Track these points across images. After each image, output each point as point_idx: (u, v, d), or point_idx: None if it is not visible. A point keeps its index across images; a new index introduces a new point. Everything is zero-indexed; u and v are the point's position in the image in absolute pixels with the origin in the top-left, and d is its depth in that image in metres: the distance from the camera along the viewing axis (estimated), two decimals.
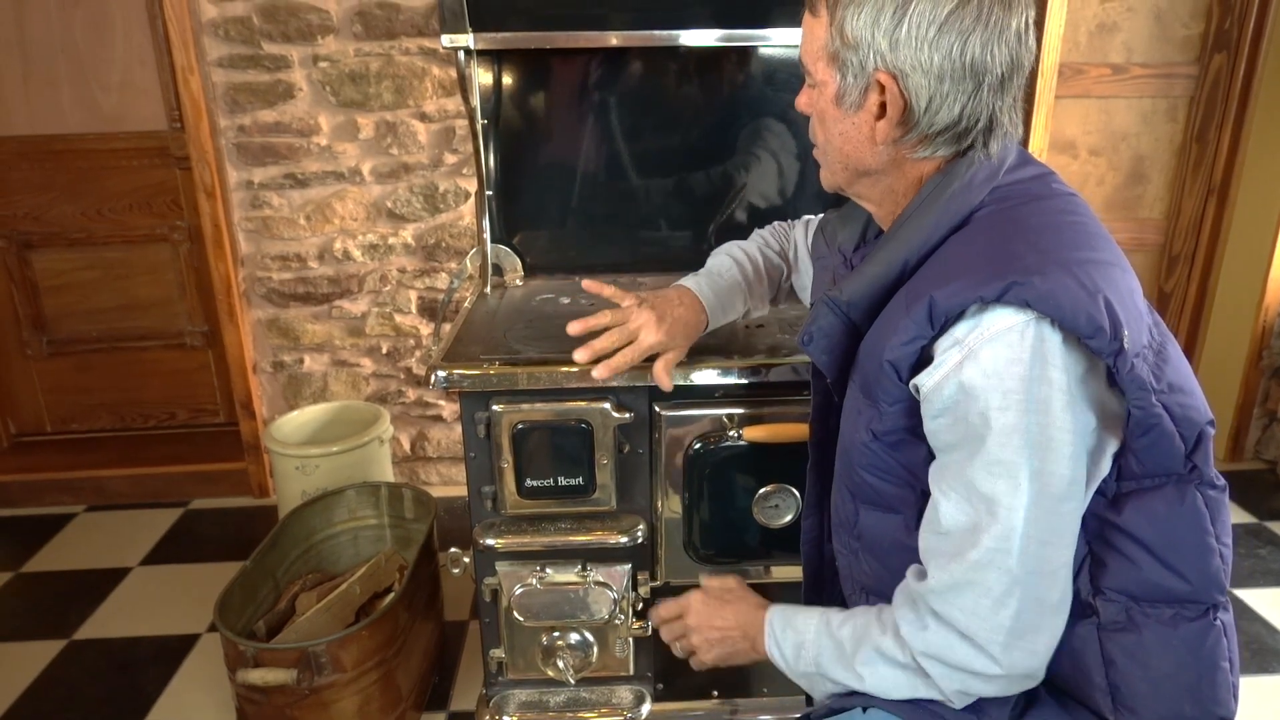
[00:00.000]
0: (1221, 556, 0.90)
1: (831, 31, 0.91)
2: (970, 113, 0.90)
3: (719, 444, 1.39)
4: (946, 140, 0.92)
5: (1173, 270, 2.80)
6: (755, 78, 1.77)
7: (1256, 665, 1.98)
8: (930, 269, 0.91)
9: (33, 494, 2.72)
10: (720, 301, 1.31)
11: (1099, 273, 0.84)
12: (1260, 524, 2.53)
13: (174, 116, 2.54)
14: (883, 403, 0.92)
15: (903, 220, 0.95)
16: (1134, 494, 0.89)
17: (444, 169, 2.46)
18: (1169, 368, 0.88)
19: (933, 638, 0.89)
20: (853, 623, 0.98)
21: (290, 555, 1.92)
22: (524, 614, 1.46)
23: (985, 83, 0.89)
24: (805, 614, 1.03)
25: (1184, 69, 2.59)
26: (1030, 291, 0.81)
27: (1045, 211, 0.92)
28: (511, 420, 1.37)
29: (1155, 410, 0.84)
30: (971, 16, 0.87)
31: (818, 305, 1.00)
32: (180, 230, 2.69)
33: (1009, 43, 0.89)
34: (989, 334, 0.83)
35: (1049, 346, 0.83)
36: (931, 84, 0.88)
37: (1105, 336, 0.80)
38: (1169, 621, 0.90)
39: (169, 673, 2.00)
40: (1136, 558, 0.89)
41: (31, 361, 2.80)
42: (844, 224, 1.14)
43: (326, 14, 2.32)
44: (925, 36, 0.87)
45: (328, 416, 2.44)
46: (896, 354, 0.89)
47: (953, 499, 0.87)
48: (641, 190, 1.83)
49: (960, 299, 0.84)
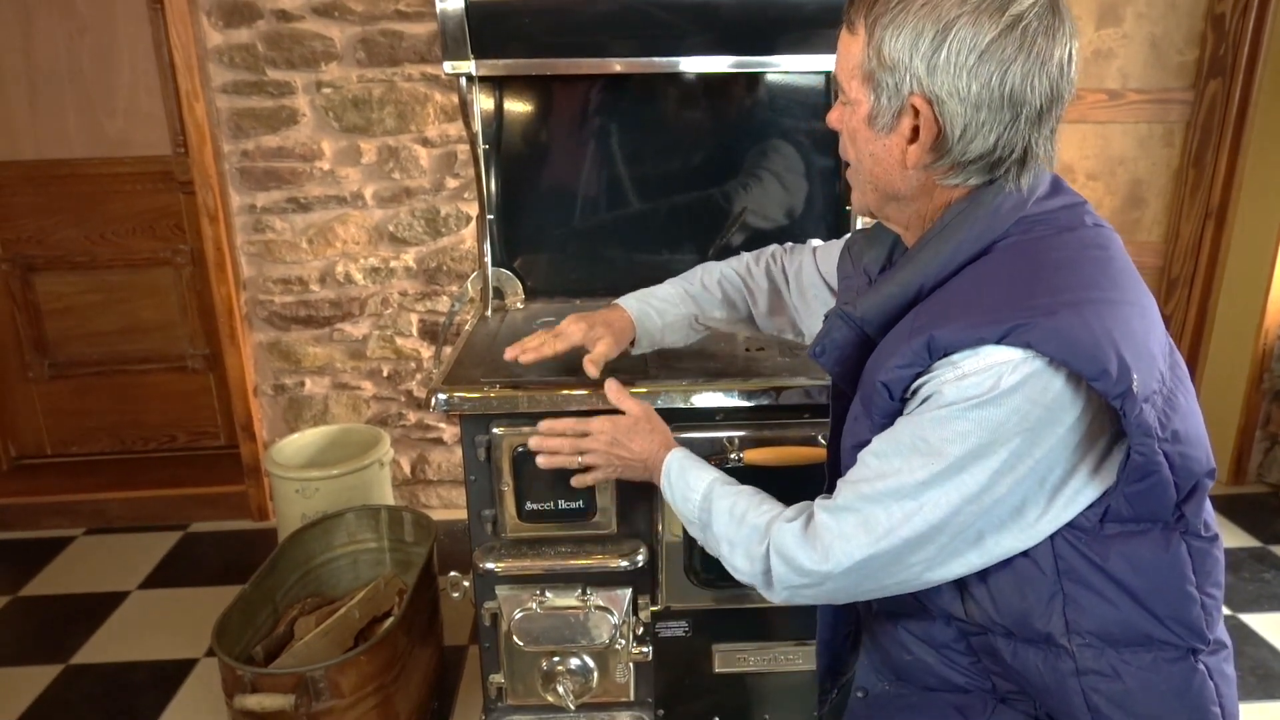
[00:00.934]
0: (1204, 606, 0.89)
1: (869, 51, 0.89)
2: (1005, 143, 0.88)
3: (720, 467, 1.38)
4: (978, 169, 0.90)
5: (1172, 293, 2.81)
6: (755, 103, 1.79)
7: (1263, 691, 1.96)
8: (941, 298, 0.91)
9: (32, 517, 2.71)
10: (649, 308, 1.36)
11: (1112, 313, 0.82)
12: (1264, 548, 2.51)
13: (178, 142, 2.57)
14: (874, 417, 0.93)
15: (924, 243, 0.94)
16: (1119, 536, 0.88)
17: (445, 193, 2.48)
18: (1177, 416, 0.86)
19: (784, 533, 0.96)
20: (737, 494, 1.05)
21: (289, 579, 1.91)
22: (524, 638, 1.45)
23: (1023, 114, 0.87)
24: (699, 470, 1.12)
25: (1180, 94, 2.61)
26: (1033, 333, 0.80)
27: (1069, 245, 0.89)
28: (512, 443, 1.37)
29: (1156, 458, 0.83)
30: (1014, 45, 0.84)
31: (830, 318, 1.00)
32: (183, 254, 2.70)
33: (1050, 74, 0.86)
34: (984, 363, 0.83)
35: (1044, 386, 0.82)
36: (967, 112, 0.86)
37: (1110, 379, 0.79)
38: (1150, 666, 0.90)
39: (166, 698, 1.98)
40: (1115, 599, 0.89)
41: (33, 384, 2.80)
42: (870, 245, 1.12)
43: (330, 41, 2.34)
44: (965, 63, 0.84)
45: (328, 439, 2.44)
46: (891, 376, 0.89)
47: (880, 443, 0.91)
48: (641, 214, 1.84)
49: (961, 339, 0.84)
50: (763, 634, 1.51)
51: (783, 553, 0.95)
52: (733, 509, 1.04)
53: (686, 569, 1.46)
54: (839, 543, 0.91)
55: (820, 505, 0.95)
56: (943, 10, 0.84)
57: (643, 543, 1.46)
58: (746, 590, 1.49)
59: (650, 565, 1.47)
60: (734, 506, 1.04)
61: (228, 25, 2.32)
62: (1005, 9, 0.83)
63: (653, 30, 1.57)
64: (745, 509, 1.03)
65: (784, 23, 1.58)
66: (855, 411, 0.99)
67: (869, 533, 0.89)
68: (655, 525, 1.45)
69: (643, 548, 1.45)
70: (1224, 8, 2.52)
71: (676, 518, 1.42)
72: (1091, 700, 0.91)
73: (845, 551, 0.90)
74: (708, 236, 1.85)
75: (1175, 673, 0.90)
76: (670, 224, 1.85)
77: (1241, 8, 2.50)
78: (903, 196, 0.96)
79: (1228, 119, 2.59)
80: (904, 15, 0.85)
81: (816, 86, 1.78)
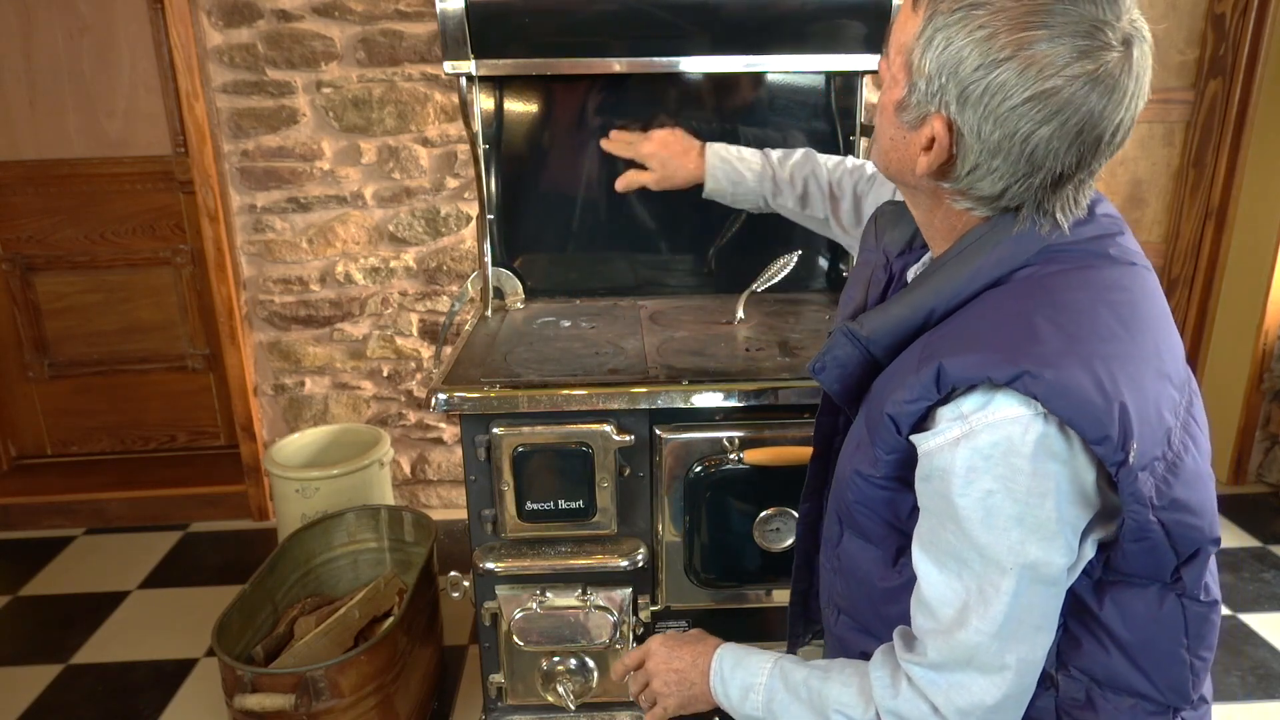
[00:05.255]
0: (1193, 669, 0.87)
1: (919, 41, 0.81)
2: (1014, 195, 0.83)
3: (720, 467, 1.39)
4: (985, 207, 0.86)
5: (1172, 293, 2.81)
6: (755, 102, 1.79)
7: (1263, 691, 1.96)
8: (952, 326, 0.86)
9: (32, 517, 2.71)
10: (727, 169, 1.45)
11: (1123, 371, 0.77)
12: (1264, 548, 2.51)
13: (178, 141, 2.57)
14: (879, 449, 0.89)
15: (939, 265, 0.89)
16: (1115, 585, 0.86)
17: (445, 193, 2.48)
18: (1179, 483, 0.81)
19: (904, 704, 0.87)
20: (808, 671, 0.96)
21: (289, 579, 1.91)
22: (524, 638, 1.45)
23: (1039, 176, 0.81)
24: (758, 656, 1.01)
25: (1180, 94, 2.61)
26: (1040, 386, 0.75)
27: (1090, 285, 0.83)
28: (512, 443, 1.37)
29: (1150, 526, 0.80)
30: (1052, 109, 0.76)
31: (835, 334, 0.95)
32: (183, 254, 2.70)
33: (1084, 144, 0.79)
34: (994, 419, 0.78)
35: (1053, 442, 0.78)
36: (983, 154, 0.81)
37: (1112, 445, 0.75)
38: (1128, 711, 0.88)
39: (166, 697, 1.98)
40: (1108, 647, 0.87)
41: (33, 384, 2.80)
42: (894, 224, 1.07)
43: (330, 41, 2.34)
44: (995, 109, 0.78)
45: (328, 439, 2.44)
46: (899, 410, 0.84)
47: (938, 572, 0.84)
48: (641, 214, 1.84)
49: (969, 374, 0.79)
50: (763, 634, 1.51)
51: None
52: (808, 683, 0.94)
53: (686, 569, 1.47)
54: (961, 696, 0.84)
55: (910, 663, 0.87)
56: (995, 45, 0.76)
57: (643, 543, 1.46)
58: (746, 590, 1.50)
59: (650, 565, 1.47)
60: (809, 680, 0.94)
61: (228, 25, 2.32)
62: (1065, 66, 0.75)
63: (653, 30, 1.57)
64: (823, 685, 0.94)
65: (784, 23, 1.58)
66: (858, 436, 0.95)
67: (985, 673, 0.83)
68: (655, 525, 1.45)
69: (643, 548, 1.45)
70: (1224, 8, 2.52)
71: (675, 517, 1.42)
72: None
73: (970, 701, 0.84)
74: (707, 237, 1.85)
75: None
76: (670, 224, 1.85)
77: (1241, 8, 2.50)
78: (912, 188, 0.92)
79: (1228, 119, 2.59)
80: (958, 27, 0.78)
81: (817, 86, 1.78)
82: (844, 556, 1.01)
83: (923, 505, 0.87)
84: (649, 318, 1.74)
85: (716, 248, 1.85)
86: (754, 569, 1.46)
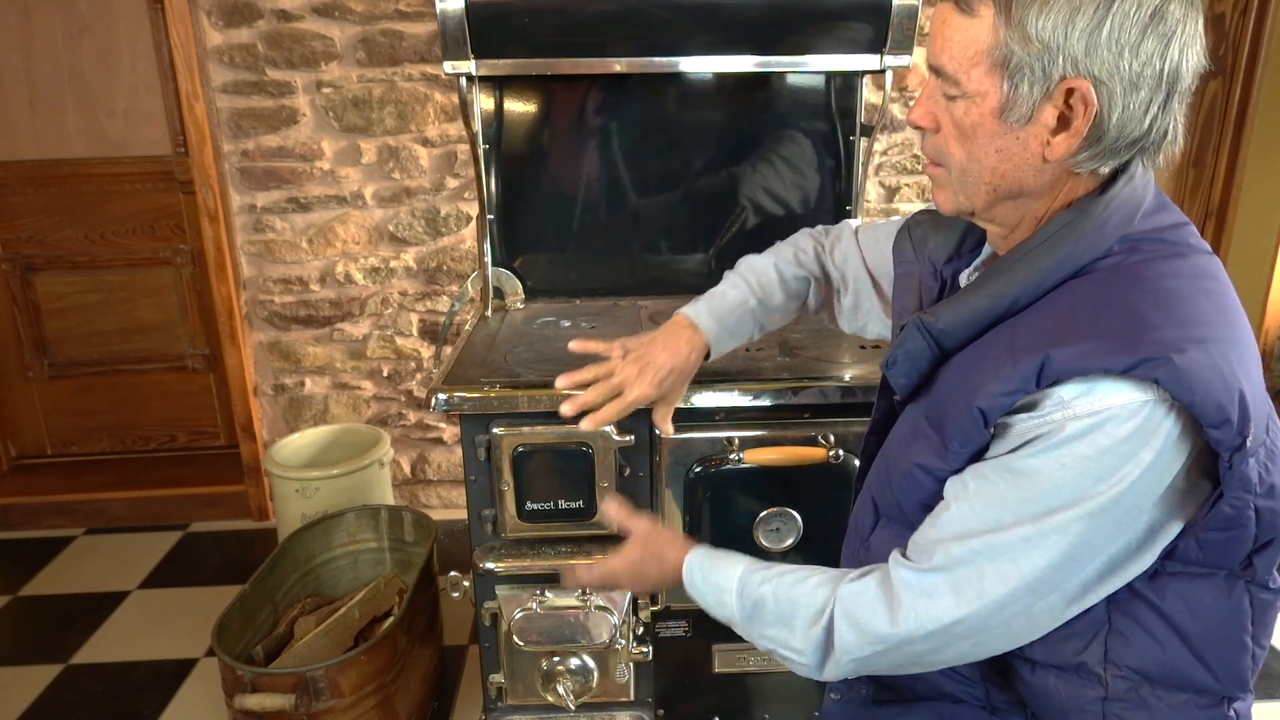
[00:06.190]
0: (1254, 656, 0.86)
1: (1004, 34, 0.79)
2: (1159, 125, 0.81)
3: (720, 467, 1.39)
4: (1123, 154, 0.83)
5: None
6: (755, 103, 1.79)
7: (1263, 691, 1.96)
8: (1044, 316, 0.83)
9: (32, 517, 2.71)
10: (724, 327, 1.24)
11: (1236, 357, 0.77)
12: None
13: (178, 141, 2.56)
14: (954, 442, 0.86)
15: (1021, 254, 0.86)
16: (1180, 576, 0.84)
17: (445, 193, 2.48)
18: (1275, 468, 0.80)
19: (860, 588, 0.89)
20: (775, 583, 0.96)
21: (289, 579, 1.92)
22: (524, 638, 1.45)
23: (1176, 91, 0.80)
24: (724, 567, 1.01)
25: None
26: (1164, 370, 0.74)
27: (1181, 273, 0.82)
28: (512, 443, 1.37)
29: (1247, 512, 0.79)
30: (1175, 17, 0.77)
31: (908, 328, 0.92)
32: (183, 254, 2.70)
33: (1200, 45, 0.80)
34: (1099, 404, 0.77)
35: (1155, 429, 0.77)
36: (1126, 93, 0.78)
37: (1231, 429, 0.74)
38: (1181, 706, 0.87)
39: (166, 697, 1.98)
40: (1165, 640, 0.85)
41: (33, 384, 2.80)
42: (936, 230, 1.04)
43: (330, 41, 2.34)
44: (1128, 40, 0.77)
45: (328, 439, 2.44)
46: (991, 403, 0.81)
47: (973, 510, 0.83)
48: (642, 213, 1.84)
49: (1083, 365, 0.77)
50: None
51: (853, 617, 0.88)
52: (776, 593, 0.95)
53: None
54: (923, 603, 0.84)
55: (901, 563, 0.88)
56: None
57: None
58: None
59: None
60: (777, 590, 0.95)
61: (228, 25, 2.32)
62: None
63: (653, 30, 1.57)
64: (791, 588, 0.94)
65: (784, 22, 1.58)
66: (917, 429, 0.92)
67: (958, 594, 0.83)
68: None
69: None
70: (1224, 8, 2.52)
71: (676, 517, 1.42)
72: None
73: (930, 614, 0.84)
74: (708, 236, 1.85)
75: (1205, 718, 0.87)
76: (670, 224, 1.85)
77: (1241, 8, 2.50)
78: (1028, 193, 0.87)
79: (1228, 118, 2.59)
80: None
81: (818, 86, 1.78)
82: (874, 547, 0.99)
83: (986, 460, 0.85)
84: (649, 318, 1.74)
85: (717, 248, 1.85)
86: None
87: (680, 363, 1.21)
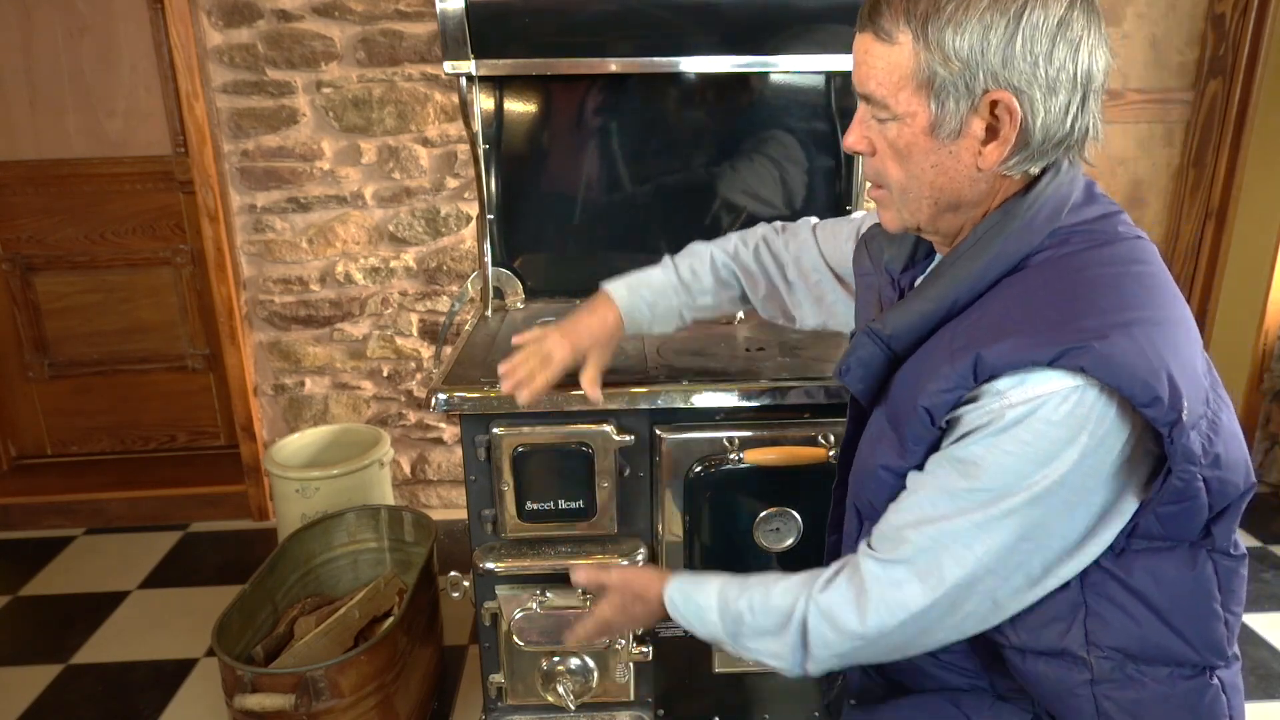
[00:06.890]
0: (1227, 624, 0.89)
1: (924, 57, 0.84)
2: (1081, 124, 0.86)
3: (720, 467, 1.39)
4: (1053, 153, 0.88)
5: None
6: (755, 103, 1.79)
7: (1263, 691, 1.96)
8: (980, 314, 0.88)
9: (32, 517, 2.71)
10: (641, 301, 1.29)
11: (1162, 336, 0.80)
12: (1264, 548, 2.51)
13: (178, 142, 2.57)
14: (909, 441, 0.90)
15: (955, 257, 0.91)
16: (1144, 552, 0.87)
17: (445, 193, 2.48)
18: (1219, 439, 0.84)
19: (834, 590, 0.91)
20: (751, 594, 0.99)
21: (289, 579, 1.92)
22: (524, 638, 1.45)
23: (1091, 90, 0.85)
24: (702, 589, 1.04)
25: (1180, 94, 2.61)
26: (1086, 357, 0.78)
27: (1108, 260, 0.86)
28: (512, 443, 1.37)
29: (1196, 484, 0.82)
30: (1080, 25, 0.83)
31: (859, 336, 0.97)
32: (183, 254, 2.70)
33: (1107, 45, 0.85)
34: (1032, 392, 0.81)
35: (1089, 411, 0.80)
36: (1046, 97, 0.83)
37: (1163, 406, 0.78)
38: (1165, 680, 0.89)
39: (166, 697, 1.98)
40: (1139, 616, 0.88)
41: (33, 384, 2.80)
42: (890, 243, 1.08)
43: (330, 41, 2.34)
44: (1041, 50, 0.82)
45: (328, 439, 2.44)
46: (934, 400, 0.86)
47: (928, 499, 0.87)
48: (642, 213, 1.84)
49: (1013, 360, 0.81)
50: None
51: (828, 614, 0.90)
52: (752, 606, 0.97)
53: (686, 568, 1.46)
54: (891, 592, 0.87)
55: (867, 554, 0.91)
56: (1002, 3, 0.82)
57: (643, 543, 1.46)
58: None
59: (650, 564, 1.46)
60: (752, 602, 0.98)
61: (228, 25, 2.32)
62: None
63: (653, 30, 1.57)
64: (765, 598, 0.97)
65: (784, 22, 1.58)
66: (879, 431, 0.96)
67: (923, 581, 0.86)
68: (655, 525, 1.45)
69: (643, 548, 1.45)
70: (1224, 8, 2.52)
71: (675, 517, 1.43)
72: (1103, 706, 0.91)
73: (899, 602, 0.87)
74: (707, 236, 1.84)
75: (1191, 688, 0.90)
76: (670, 224, 1.85)
77: (1241, 8, 2.50)
78: (966, 202, 0.91)
79: (1228, 119, 2.59)
80: (965, 11, 0.82)
81: (817, 86, 1.78)
82: None
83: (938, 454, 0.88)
84: None
85: None
86: (754, 569, 1.45)
87: (597, 327, 1.28)
